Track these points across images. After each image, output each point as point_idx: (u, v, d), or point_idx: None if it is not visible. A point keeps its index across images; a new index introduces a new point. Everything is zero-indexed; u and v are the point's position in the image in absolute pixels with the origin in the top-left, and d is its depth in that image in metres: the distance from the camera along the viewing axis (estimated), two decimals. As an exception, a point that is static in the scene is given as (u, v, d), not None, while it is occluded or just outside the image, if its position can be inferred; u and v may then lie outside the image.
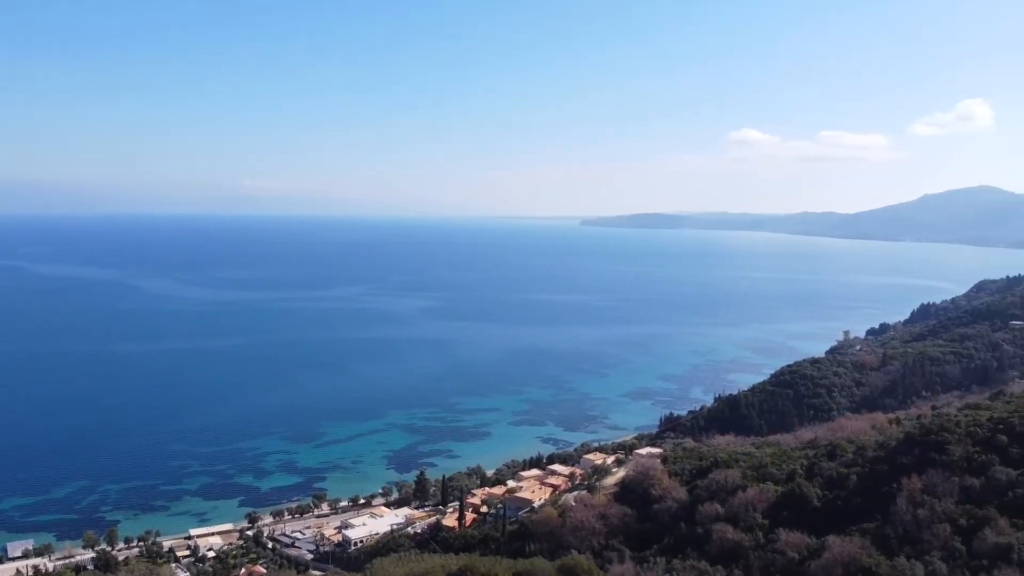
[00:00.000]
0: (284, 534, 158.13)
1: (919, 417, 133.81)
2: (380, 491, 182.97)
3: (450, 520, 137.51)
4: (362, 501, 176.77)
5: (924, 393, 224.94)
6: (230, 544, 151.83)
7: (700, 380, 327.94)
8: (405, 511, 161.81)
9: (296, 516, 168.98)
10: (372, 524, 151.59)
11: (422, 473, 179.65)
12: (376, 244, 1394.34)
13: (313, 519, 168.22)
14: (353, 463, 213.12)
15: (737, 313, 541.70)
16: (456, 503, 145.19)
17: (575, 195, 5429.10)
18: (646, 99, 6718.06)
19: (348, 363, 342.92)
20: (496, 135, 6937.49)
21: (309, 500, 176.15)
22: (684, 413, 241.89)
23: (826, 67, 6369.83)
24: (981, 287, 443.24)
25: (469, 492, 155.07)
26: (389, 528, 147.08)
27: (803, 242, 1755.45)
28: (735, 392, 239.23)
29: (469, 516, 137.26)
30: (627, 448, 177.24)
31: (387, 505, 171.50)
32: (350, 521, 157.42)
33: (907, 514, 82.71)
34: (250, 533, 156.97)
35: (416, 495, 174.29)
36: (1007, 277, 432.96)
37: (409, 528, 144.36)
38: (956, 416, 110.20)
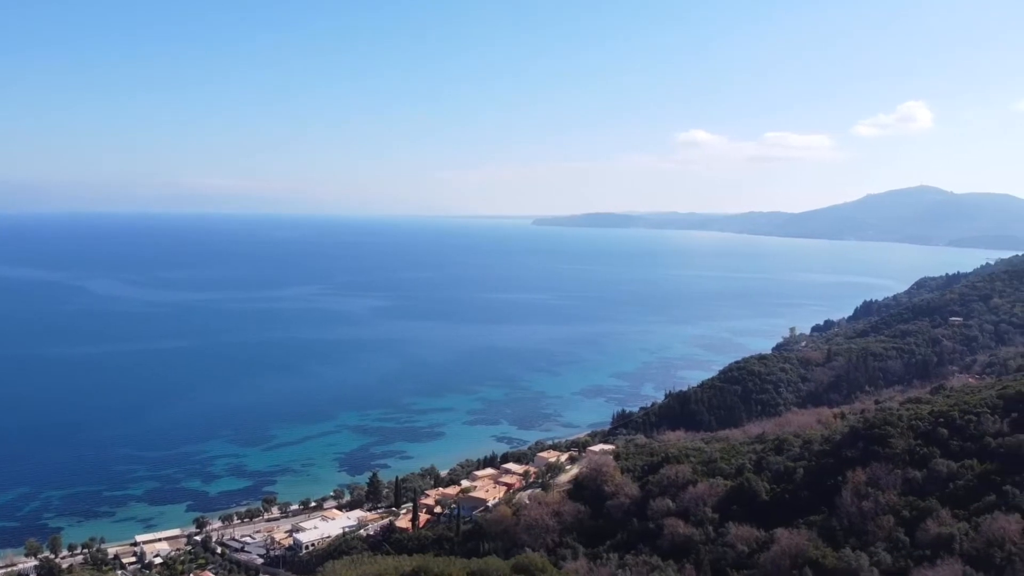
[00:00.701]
0: (233, 539, 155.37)
1: (863, 411, 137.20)
2: (332, 494, 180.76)
3: (403, 521, 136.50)
4: (313, 504, 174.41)
5: (867, 388, 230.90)
6: (178, 550, 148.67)
7: (651, 377, 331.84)
8: (357, 513, 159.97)
9: (245, 520, 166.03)
10: (323, 527, 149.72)
11: (375, 475, 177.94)
12: (332, 244, 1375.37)
13: (263, 523, 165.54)
14: (304, 466, 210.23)
15: (686, 311, 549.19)
16: (409, 504, 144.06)
17: (528, 195, 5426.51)
18: (597, 101, 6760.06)
19: (299, 364, 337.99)
20: (449, 136, 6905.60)
21: (259, 504, 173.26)
22: (636, 410, 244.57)
23: (771, 68, 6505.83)
24: (921, 284, 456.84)
25: (423, 493, 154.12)
26: (341, 531, 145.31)
27: (750, 241, 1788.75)
28: (685, 388, 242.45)
29: (423, 517, 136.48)
30: (580, 445, 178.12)
31: (339, 508, 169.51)
32: (301, 524, 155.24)
33: (852, 506, 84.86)
34: (198, 538, 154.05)
35: (369, 497, 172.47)
36: (946, 275, 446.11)
37: (362, 530, 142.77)
38: (898, 410, 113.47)
